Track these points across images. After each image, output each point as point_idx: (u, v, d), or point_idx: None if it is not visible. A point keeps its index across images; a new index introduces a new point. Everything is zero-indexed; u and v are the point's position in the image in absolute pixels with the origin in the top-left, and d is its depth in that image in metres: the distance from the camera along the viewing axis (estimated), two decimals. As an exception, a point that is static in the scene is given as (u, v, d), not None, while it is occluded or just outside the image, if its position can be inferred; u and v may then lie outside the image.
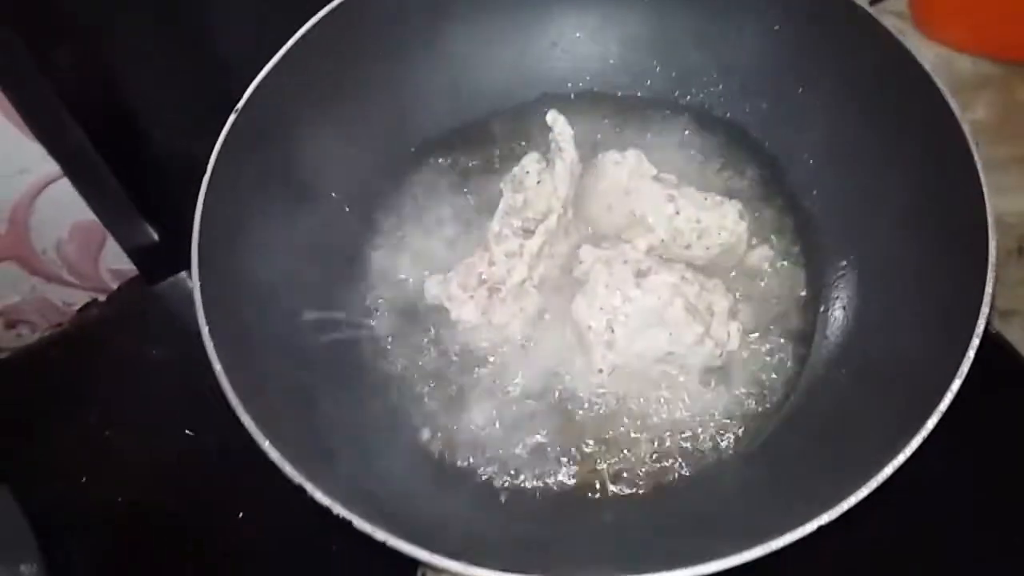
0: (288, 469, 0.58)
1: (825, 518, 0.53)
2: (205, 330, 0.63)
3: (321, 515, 0.75)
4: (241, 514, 0.82)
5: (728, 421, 0.72)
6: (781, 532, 0.53)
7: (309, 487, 0.57)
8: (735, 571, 0.53)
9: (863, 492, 0.54)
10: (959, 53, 1.07)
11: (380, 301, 0.80)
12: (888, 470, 0.54)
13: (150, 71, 0.87)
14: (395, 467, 0.70)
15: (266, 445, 0.59)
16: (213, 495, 0.84)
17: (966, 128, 0.65)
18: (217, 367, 0.62)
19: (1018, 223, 0.97)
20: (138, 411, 0.89)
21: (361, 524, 0.55)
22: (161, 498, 0.84)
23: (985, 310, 0.59)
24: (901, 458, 0.54)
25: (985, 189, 0.63)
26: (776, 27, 0.80)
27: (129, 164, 0.90)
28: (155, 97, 0.89)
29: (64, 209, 0.93)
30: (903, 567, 0.75)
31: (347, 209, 0.82)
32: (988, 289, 0.60)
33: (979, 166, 0.64)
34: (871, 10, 0.73)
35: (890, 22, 0.73)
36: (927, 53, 0.97)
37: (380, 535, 0.55)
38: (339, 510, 0.56)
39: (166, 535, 0.83)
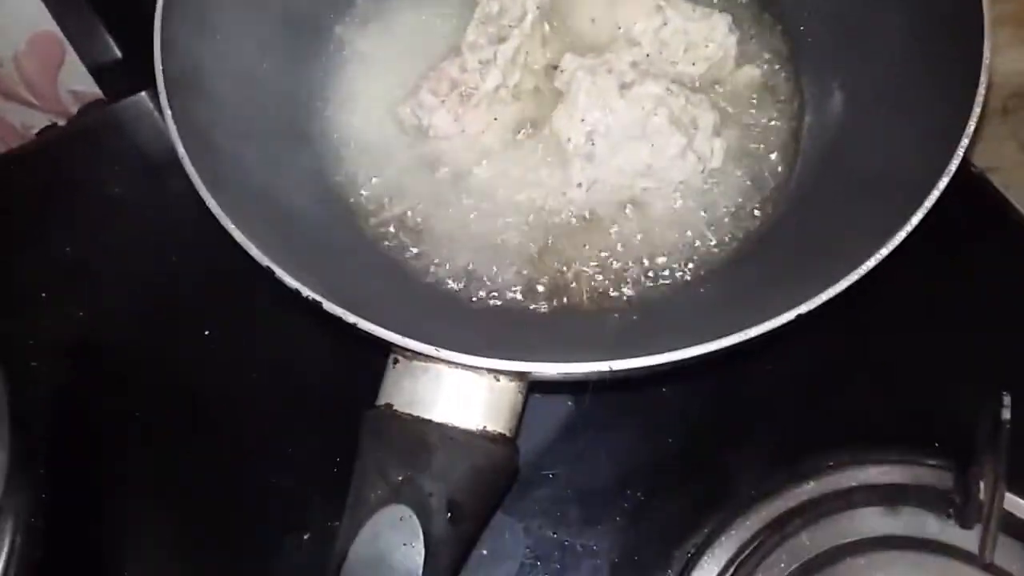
0: (254, 251, 0.55)
1: (804, 308, 0.52)
2: (169, 115, 0.60)
3: (286, 325, 0.75)
4: (207, 331, 0.80)
5: (709, 233, 0.71)
6: (759, 322, 0.52)
7: (278, 270, 0.55)
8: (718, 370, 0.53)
9: (842, 285, 0.53)
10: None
11: (349, 119, 0.77)
12: (871, 262, 0.53)
13: None
14: (364, 269, 0.69)
15: (232, 228, 0.56)
16: (178, 313, 0.82)
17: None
18: (180, 150, 0.59)
19: (1005, 83, 0.96)
20: (100, 231, 0.87)
21: (331, 307, 0.54)
22: (124, 315, 0.83)
23: (973, 123, 0.58)
24: (884, 251, 0.54)
25: (987, 25, 0.61)
26: None
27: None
28: None
29: (23, 16, 0.88)
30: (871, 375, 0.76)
31: (313, 25, 0.78)
32: (977, 106, 0.58)
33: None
34: None
35: None
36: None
37: (351, 317, 0.54)
38: (308, 292, 0.54)
39: (128, 350, 0.82)
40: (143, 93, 0.91)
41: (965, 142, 0.57)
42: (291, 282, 0.55)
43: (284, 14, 0.75)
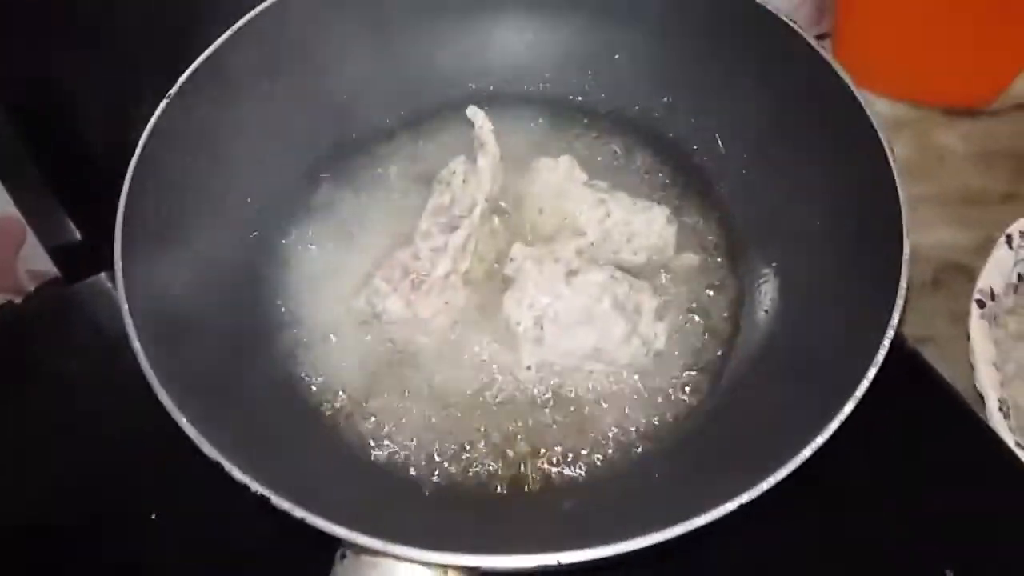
0: (206, 447, 0.56)
1: (745, 498, 0.54)
2: (126, 311, 0.62)
3: (235, 511, 0.74)
4: (155, 515, 0.79)
5: (653, 415, 0.72)
6: (703, 511, 0.53)
7: (227, 465, 0.55)
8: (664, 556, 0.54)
9: (781, 474, 0.55)
10: (878, 97, 1.11)
11: (305, 310, 0.79)
12: (806, 452, 0.55)
13: (79, 61, 0.86)
14: (315, 458, 0.69)
15: (183, 422, 0.57)
16: (127, 496, 0.81)
17: (892, 160, 0.68)
18: (136, 345, 0.60)
19: (932, 256, 1.01)
20: (52, 410, 0.86)
21: (279, 501, 0.54)
22: (74, 496, 0.81)
23: (896, 314, 0.61)
24: (820, 440, 0.56)
25: (904, 211, 0.66)
26: (711, 49, 0.83)
27: (53, 157, 0.89)
28: (83, 89, 0.88)
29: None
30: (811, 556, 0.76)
31: (273, 207, 0.82)
32: (900, 296, 0.62)
33: (900, 192, 0.66)
34: (813, 42, 0.76)
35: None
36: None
37: (298, 512, 0.54)
38: (256, 487, 0.55)
39: (77, 532, 0.80)
40: (101, 275, 0.93)
41: (891, 333, 0.60)
42: (240, 477, 0.55)
43: (241, 216, 0.78)
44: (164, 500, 0.80)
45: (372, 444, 0.72)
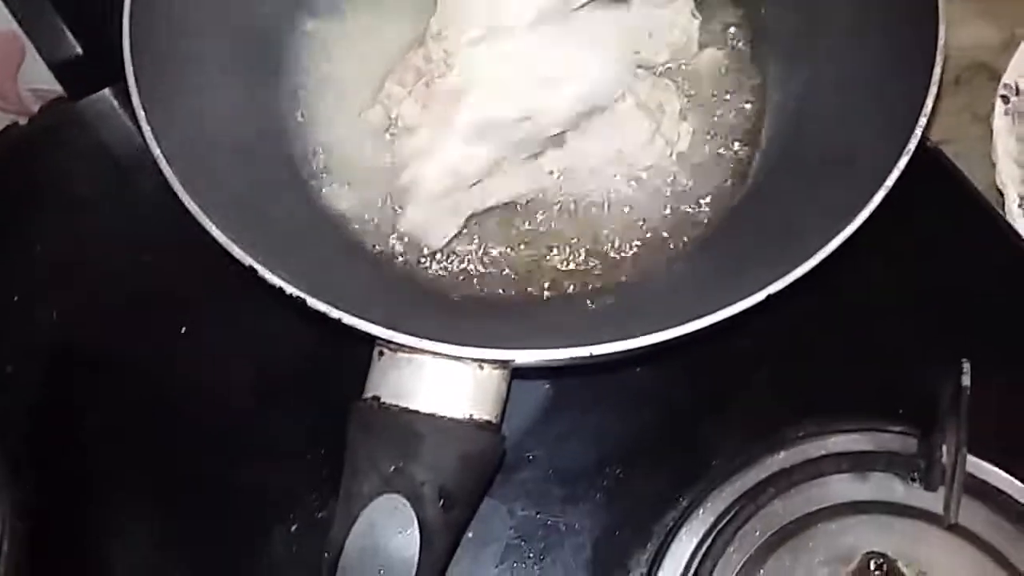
0: (237, 252, 0.56)
1: (773, 288, 0.54)
2: (142, 116, 0.60)
3: (266, 313, 0.75)
4: (184, 328, 0.80)
5: (677, 216, 0.72)
6: (731, 303, 0.54)
7: (260, 268, 0.55)
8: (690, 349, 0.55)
9: (809, 264, 0.55)
10: None
11: (322, 121, 0.77)
12: (835, 243, 0.55)
13: None
14: (344, 267, 0.70)
15: (213, 228, 0.56)
16: (153, 310, 0.82)
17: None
18: (157, 152, 0.59)
19: (959, 56, 0.98)
20: (68, 230, 0.86)
21: (315, 303, 0.55)
22: (98, 314, 0.82)
23: (931, 100, 0.60)
24: (848, 230, 0.56)
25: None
26: None
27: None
28: None
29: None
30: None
31: (280, 16, 0.78)
32: (934, 83, 0.60)
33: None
34: None
35: None
36: None
37: (335, 312, 0.54)
38: (292, 290, 0.55)
39: (104, 350, 0.82)
40: (106, 90, 0.91)
41: (923, 121, 0.58)
42: (274, 280, 0.55)
43: (249, 24, 0.75)
44: (192, 312, 0.81)
45: (397, 253, 0.72)
